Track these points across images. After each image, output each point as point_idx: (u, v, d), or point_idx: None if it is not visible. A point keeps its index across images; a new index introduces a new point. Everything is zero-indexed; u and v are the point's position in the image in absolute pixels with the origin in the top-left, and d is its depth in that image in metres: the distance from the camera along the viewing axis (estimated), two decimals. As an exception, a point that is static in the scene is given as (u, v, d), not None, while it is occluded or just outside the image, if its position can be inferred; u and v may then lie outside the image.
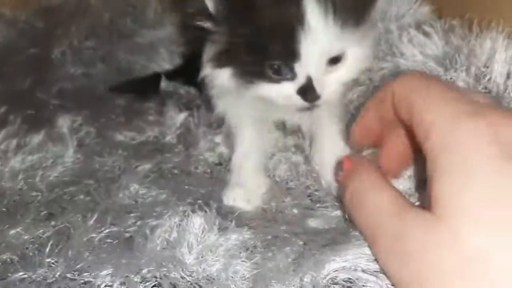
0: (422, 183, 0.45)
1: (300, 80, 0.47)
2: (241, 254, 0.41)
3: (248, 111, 0.56)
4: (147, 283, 0.37)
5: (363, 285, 0.36)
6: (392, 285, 0.35)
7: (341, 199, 0.43)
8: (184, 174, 0.56)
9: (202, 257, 0.40)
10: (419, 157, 0.44)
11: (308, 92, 0.47)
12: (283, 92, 0.48)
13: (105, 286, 0.37)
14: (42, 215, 0.48)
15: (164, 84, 0.76)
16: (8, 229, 0.45)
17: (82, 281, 0.38)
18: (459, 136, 0.34)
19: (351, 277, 0.37)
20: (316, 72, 0.46)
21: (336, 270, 0.37)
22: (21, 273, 0.39)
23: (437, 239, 0.32)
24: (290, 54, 0.45)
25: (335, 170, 0.48)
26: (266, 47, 0.45)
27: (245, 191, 0.52)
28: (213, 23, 0.47)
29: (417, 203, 0.42)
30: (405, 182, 0.48)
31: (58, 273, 0.38)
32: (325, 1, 0.44)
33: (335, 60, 0.47)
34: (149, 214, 0.46)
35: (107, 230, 0.44)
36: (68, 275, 0.38)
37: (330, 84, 0.48)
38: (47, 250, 0.40)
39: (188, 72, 0.66)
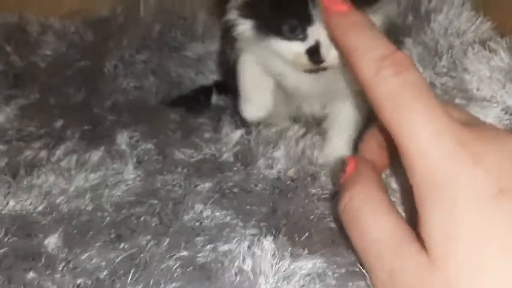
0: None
1: (310, 42, 0.53)
2: (316, 284, 0.40)
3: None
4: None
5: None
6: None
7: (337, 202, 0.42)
8: (245, 192, 0.56)
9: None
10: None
11: (314, 54, 0.53)
12: (294, 49, 0.54)
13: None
14: (111, 238, 0.48)
15: (215, 97, 0.76)
16: (80, 252, 0.46)
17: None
18: (446, 172, 0.33)
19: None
20: (325, 38, 0.52)
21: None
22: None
23: (431, 285, 0.32)
24: (306, 18, 0.51)
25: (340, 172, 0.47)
26: (287, 7, 0.53)
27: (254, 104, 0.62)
28: None
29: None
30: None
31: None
32: None
33: None
34: (217, 238, 0.46)
35: (179, 255, 0.44)
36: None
37: (336, 52, 0.52)
38: (129, 278, 0.40)
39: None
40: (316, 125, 0.67)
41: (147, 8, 0.81)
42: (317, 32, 0.52)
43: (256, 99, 0.63)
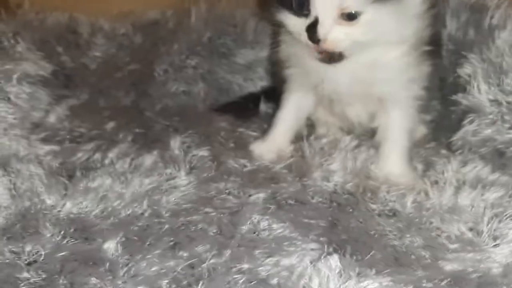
0: None
1: (310, 18, 0.53)
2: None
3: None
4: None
5: None
6: None
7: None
8: (301, 204, 0.54)
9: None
10: None
11: (311, 31, 0.53)
12: (298, 25, 0.55)
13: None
14: (170, 245, 0.48)
15: (263, 105, 0.76)
16: (141, 259, 0.45)
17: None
18: None
19: None
20: (324, 16, 0.53)
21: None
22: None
23: None
24: None
25: None
26: None
27: (266, 145, 0.64)
28: None
29: None
30: None
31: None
32: None
33: (351, 17, 0.53)
34: (277, 251, 0.46)
35: (241, 267, 0.43)
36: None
37: (338, 34, 0.53)
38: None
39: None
40: (370, 137, 0.66)
41: (198, 14, 0.81)
42: (319, 9, 0.53)
43: (274, 141, 0.65)
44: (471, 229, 0.50)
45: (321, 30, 0.53)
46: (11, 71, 0.68)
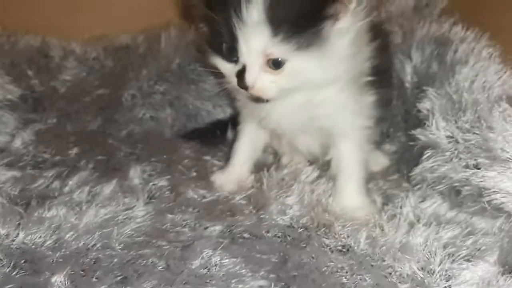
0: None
1: (239, 65, 0.55)
2: None
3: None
4: None
5: None
6: None
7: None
8: (256, 238, 0.54)
9: None
10: None
11: (240, 77, 0.55)
12: (228, 70, 0.57)
13: None
14: (117, 280, 0.47)
15: (230, 133, 0.75)
16: (85, 295, 0.45)
17: None
18: None
19: None
20: (251, 64, 0.54)
21: None
22: None
23: None
24: (234, 40, 0.54)
25: None
26: (221, 32, 0.55)
27: (226, 176, 0.65)
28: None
29: None
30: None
31: None
32: (260, 4, 0.52)
33: (276, 64, 0.54)
34: (225, 288, 0.45)
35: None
36: None
37: (265, 82, 0.55)
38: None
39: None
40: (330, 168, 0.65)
41: (168, 40, 0.82)
42: (242, 56, 0.54)
43: (233, 172, 0.66)
44: (423, 269, 0.49)
45: (248, 78, 0.54)
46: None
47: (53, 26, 0.87)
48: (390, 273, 0.49)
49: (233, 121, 0.77)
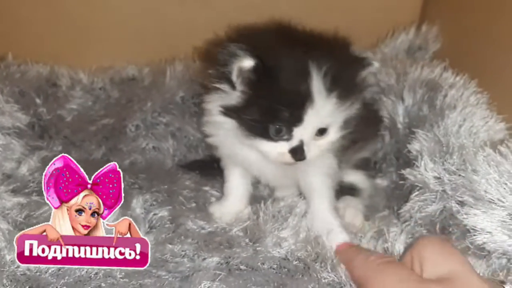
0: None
1: (294, 142, 0.59)
2: None
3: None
4: None
5: None
6: None
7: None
8: (252, 270, 0.56)
9: None
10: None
11: (298, 152, 0.59)
12: (278, 149, 0.60)
13: None
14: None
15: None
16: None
17: None
18: None
19: None
20: (308, 138, 0.59)
21: None
22: None
23: None
24: (295, 120, 0.58)
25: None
26: (277, 112, 0.57)
27: (224, 208, 0.68)
28: (230, 86, 0.59)
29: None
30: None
31: None
32: (328, 84, 0.56)
33: (322, 131, 0.61)
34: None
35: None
36: None
37: (314, 149, 0.60)
38: None
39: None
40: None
41: (173, 74, 0.85)
42: (302, 132, 0.58)
43: (231, 204, 0.69)
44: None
45: (309, 153, 0.59)
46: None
47: (62, 55, 0.90)
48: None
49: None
